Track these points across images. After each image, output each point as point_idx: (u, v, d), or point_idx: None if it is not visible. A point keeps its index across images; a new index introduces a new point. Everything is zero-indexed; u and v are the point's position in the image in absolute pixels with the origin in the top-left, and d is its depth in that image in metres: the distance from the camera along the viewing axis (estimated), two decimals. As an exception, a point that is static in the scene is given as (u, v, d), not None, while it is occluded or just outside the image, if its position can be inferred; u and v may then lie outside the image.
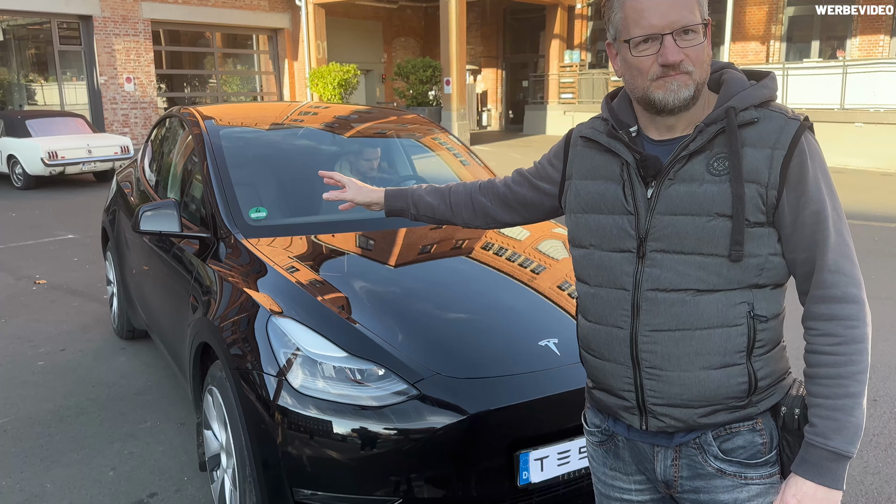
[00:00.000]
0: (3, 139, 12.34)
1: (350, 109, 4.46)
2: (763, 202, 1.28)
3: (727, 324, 1.32)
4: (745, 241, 1.28)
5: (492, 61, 23.96)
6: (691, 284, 1.32)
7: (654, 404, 1.38)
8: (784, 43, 18.01)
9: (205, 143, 3.33)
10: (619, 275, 1.39)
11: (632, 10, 1.29)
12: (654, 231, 1.34)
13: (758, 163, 1.28)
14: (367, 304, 2.50)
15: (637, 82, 1.33)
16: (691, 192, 1.31)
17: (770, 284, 1.33)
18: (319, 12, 20.64)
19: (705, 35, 1.31)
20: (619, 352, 1.40)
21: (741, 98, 1.32)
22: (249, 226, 2.97)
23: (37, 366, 4.45)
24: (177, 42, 21.33)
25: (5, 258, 7.35)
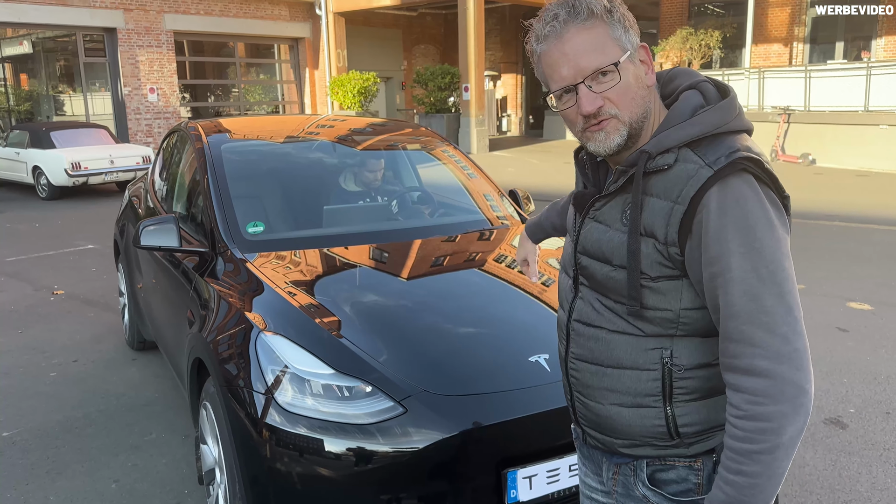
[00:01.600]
0: (28, 151, 12.59)
1: (355, 122, 4.48)
2: (665, 257, 1.20)
3: (637, 367, 1.27)
4: (644, 296, 1.22)
5: (512, 67, 23.94)
6: (605, 324, 1.31)
7: (584, 425, 1.43)
8: (807, 44, 17.75)
9: (206, 158, 3.36)
10: (564, 300, 1.44)
11: (546, 66, 1.26)
12: (578, 265, 1.36)
13: (656, 217, 1.20)
14: (358, 320, 2.50)
15: (574, 132, 1.30)
16: (600, 238, 1.29)
17: (697, 334, 1.24)
18: (339, 21, 20.80)
19: (636, 64, 1.23)
20: (562, 369, 1.45)
21: (659, 140, 1.22)
22: (246, 240, 2.99)
23: (49, 377, 4.51)
24: (200, 52, 21.63)
25: (26, 269, 7.49)
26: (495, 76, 23.82)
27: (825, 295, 5.77)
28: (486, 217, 3.59)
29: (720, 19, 19.26)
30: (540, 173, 14.48)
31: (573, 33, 1.21)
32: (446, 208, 3.78)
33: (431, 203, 3.83)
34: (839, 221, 9.05)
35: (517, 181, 13.40)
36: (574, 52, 1.21)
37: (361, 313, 2.54)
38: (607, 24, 1.22)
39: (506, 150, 18.62)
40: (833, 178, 12.63)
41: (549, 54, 1.24)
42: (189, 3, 19.06)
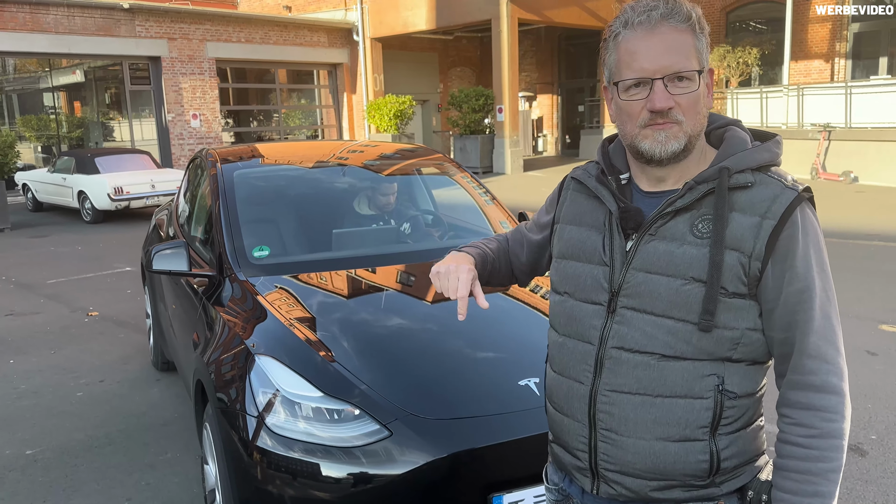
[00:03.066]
0: (74, 176, 13.06)
1: (370, 149, 4.55)
2: (745, 273, 1.20)
3: (691, 395, 1.23)
4: (718, 312, 1.20)
5: (547, 87, 23.97)
6: (657, 348, 1.24)
7: (607, 469, 1.31)
8: (849, 60, 17.38)
9: (218, 184, 3.46)
10: (587, 327, 1.33)
11: (625, 53, 1.24)
12: (626, 287, 1.28)
13: (744, 230, 1.20)
14: (351, 342, 2.53)
15: (627, 128, 1.27)
16: (669, 252, 1.24)
17: (746, 360, 1.24)
18: (376, 46, 21.16)
19: (705, 84, 1.25)
20: (578, 408, 1.34)
21: (738, 159, 1.25)
22: (252, 264, 3.06)
23: (76, 396, 4.65)
24: (242, 78, 22.20)
25: (64, 290, 7.75)
26: (531, 97, 23.88)
27: (857, 316, 5.60)
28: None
29: (758, 36, 19.00)
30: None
31: (666, 30, 1.22)
32: (454, 231, 3.81)
33: (440, 226, 3.86)
34: (879, 241, 8.79)
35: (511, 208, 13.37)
36: (662, 47, 1.21)
37: (355, 336, 2.58)
38: (696, 36, 1.24)
39: (540, 171, 18.60)
40: (875, 196, 12.28)
41: (632, 42, 1.23)
42: (230, 32, 19.62)
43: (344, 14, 21.68)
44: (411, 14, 19.70)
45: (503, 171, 18.23)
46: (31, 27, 15.95)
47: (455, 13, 18.68)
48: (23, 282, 8.28)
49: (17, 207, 14.82)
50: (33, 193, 14.58)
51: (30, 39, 15.97)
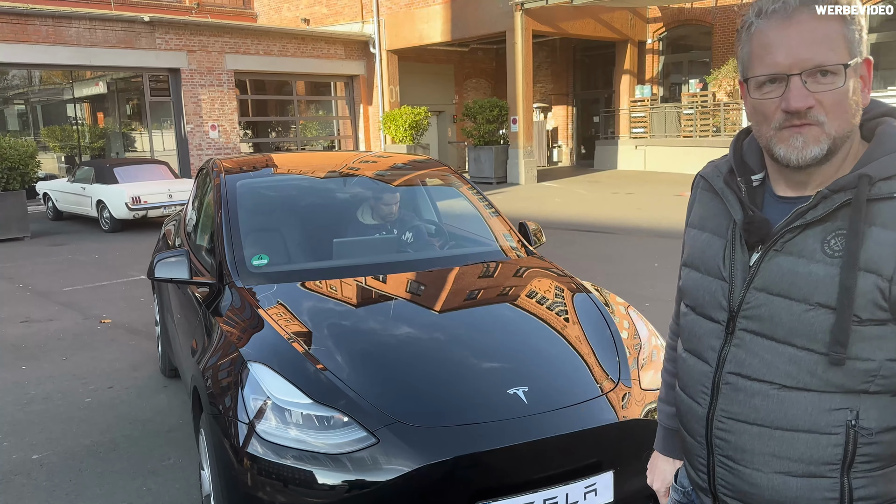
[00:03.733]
0: (93, 186, 13.27)
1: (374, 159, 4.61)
2: (884, 297, 1.04)
3: (817, 430, 1.10)
4: (850, 342, 1.05)
5: (562, 98, 24.01)
6: (777, 378, 1.12)
7: (725, 495, 1.23)
8: (867, 71, 17.23)
9: (220, 194, 3.52)
10: (706, 347, 1.23)
11: (758, 45, 1.11)
12: (746, 307, 1.15)
13: (884, 249, 1.04)
14: (346, 350, 2.56)
15: (761, 129, 1.14)
16: (794, 271, 1.10)
17: (890, 391, 1.09)
18: (392, 58, 21.33)
19: (857, 78, 1.09)
20: (696, 430, 1.26)
21: (883, 164, 1.07)
22: (250, 272, 3.11)
23: (84, 402, 4.73)
24: (261, 90, 22.44)
25: (79, 298, 7.87)
26: (546, 108, 23.91)
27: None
28: (489, 249, 3.63)
29: (775, 47, 18.89)
30: (585, 203, 14.40)
31: (805, 18, 1.06)
32: (455, 241, 3.84)
33: (441, 236, 3.90)
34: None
35: (561, 211, 13.37)
36: (799, 38, 1.06)
37: (348, 343, 2.61)
38: (845, 22, 1.07)
39: (554, 181, 18.60)
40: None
41: (766, 33, 1.09)
42: (249, 44, 19.88)
43: (361, 27, 21.89)
44: (427, 27, 19.86)
45: (517, 182, 18.25)
46: (53, 40, 16.27)
47: (470, 26, 18.80)
48: (39, 289, 8.42)
49: (38, 216, 15.07)
50: (54, 203, 14.84)
51: (52, 52, 16.30)
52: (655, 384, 2.65)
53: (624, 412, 2.47)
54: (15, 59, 16.04)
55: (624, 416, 2.46)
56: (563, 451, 2.33)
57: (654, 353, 2.82)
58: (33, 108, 19.82)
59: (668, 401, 1.49)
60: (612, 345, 2.72)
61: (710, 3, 19.77)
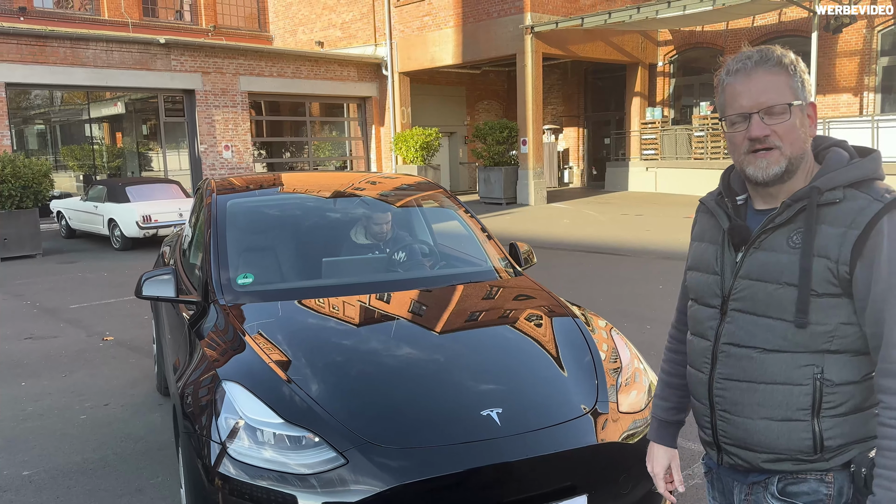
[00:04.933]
0: (105, 204, 13.44)
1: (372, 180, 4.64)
2: (834, 276, 1.39)
3: (790, 382, 1.43)
4: (810, 311, 1.40)
5: (573, 120, 24.07)
6: (758, 343, 1.47)
7: (725, 443, 1.55)
8: (879, 94, 17.16)
9: (211, 212, 3.56)
10: (706, 328, 1.58)
11: (729, 94, 1.50)
12: (735, 292, 1.51)
13: (830, 240, 1.39)
14: (322, 369, 2.57)
15: (735, 156, 1.51)
16: (767, 261, 1.46)
17: (848, 351, 1.42)
18: (404, 80, 21.53)
19: (804, 115, 1.46)
20: (701, 393, 1.59)
21: (829, 178, 1.43)
22: (235, 291, 3.13)
23: (79, 419, 4.76)
24: (275, 111, 22.70)
25: (84, 315, 7.94)
26: (557, 129, 23.98)
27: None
28: (477, 270, 3.63)
29: (786, 70, 18.88)
30: (594, 224, 14.38)
31: (760, 74, 1.45)
32: (445, 260, 3.85)
33: (433, 256, 3.90)
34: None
35: (570, 232, 13.35)
36: (757, 88, 1.45)
37: (325, 362, 2.62)
38: (789, 76, 1.45)
39: (564, 202, 18.59)
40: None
41: (734, 86, 1.48)
42: (263, 66, 20.15)
43: (374, 49, 22.13)
44: (438, 49, 20.04)
45: (527, 203, 18.27)
46: (70, 61, 16.59)
47: (481, 49, 18.95)
48: (47, 306, 8.51)
49: (51, 234, 15.27)
50: (67, 221, 15.04)
51: (69, 73, 16.60)
52: (636, 407, 2.64)
53: (600, 435, 2.46)
54: (33, 79, 16.36)
55: (601, 439, 2.45)
56: (536, 473, 2.31)
57: (635, 376, 2.81)
58: (53, 127, 20.17)
59: (663, 396, 1.82)
60: (592, 367, 2.71)
61: (720, 26, 19.81)
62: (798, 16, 17.67)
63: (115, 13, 26.13)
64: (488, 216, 16.07)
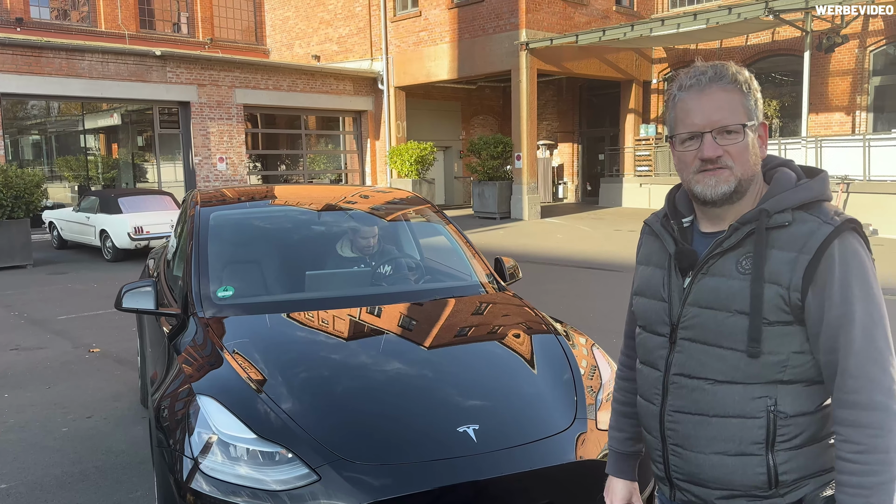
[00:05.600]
0: (98, 215, 13.41)
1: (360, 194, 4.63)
2: (786, 303, 1.33)
3: (743, 415, 1.37)
4: (763, 339, 1.33)
5: (568, 136, 24.16)
6: (710, 374, 1.39)
7: (677, 479, 1.48)
8: (871, 113, 17.28)
9: (193, 224, 3.55)
10: (656, 357, 1.50)
11: (680, 111, 1.43)
12: (683, 320, 1.43)
13: (781, 265, 1.33)
14: (298, 383, 2.55)
15: (684, 175, 1.45)
16: (717, 288, 1.39)
17: (801, 381, 1.36)
18: (400, 95, 21.61)
19: (756, 136, 1.41)
20: (653, 426, 1.52)
21: (778, 200, 1.38)
22: (215, 304, 3.11)
23: (60, 432, 4.71)
24: (271, 124, 22.73)
25: (72, 327, 7.89)
26: (552, 145, 24.06)
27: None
28: (460, 285, 3.62)
29: (778, 88, 19.03)
30: (587, 239, 14.39)
31: (714, 90, 1.39)
32: (429, 275, 3.83)
33: (418, 270, 3.89)
34: (892, 296, 8.59)
35: (562, 247, 13.36)
36: (710, 106, 1.39)
37: (301, 377, 2.60)
38: (743, 95, 1.40)
39: (558, 217, 18.62)
40: (894, 250, 12.05)
41: (686, 102, 1.42)
42: (259, 80, 20.20)
43: (370, 64, 22.22)
44: (434, 65, 20.13)
45: (521, 217, 18.29)
46: (66, 72, 16.61)
47: (476, 64, 19.05)
48: (35, 317, 8.46)
49: (43, 245, 15.22)
50: (59, 231, 14.99)
51: (64, 84, 16.61)
52: (615, 424, 2.61)
53: (579, 452, 2.44)
54: (29, 90, 16.36)
55: (579, 456, 2.43)
56: (512, 490, 2.29)
57: (616, 393, 2.79)
58: (49, 138, 20.16)
59: (619, 427, 1.73)
60: (571, 384, 2.69)
61: (714, 45, 19.96)
62: (791, 35, 17.81)
63: (112, 25, 26.22)
64: (482, 231, 16.08)
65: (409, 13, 20.80)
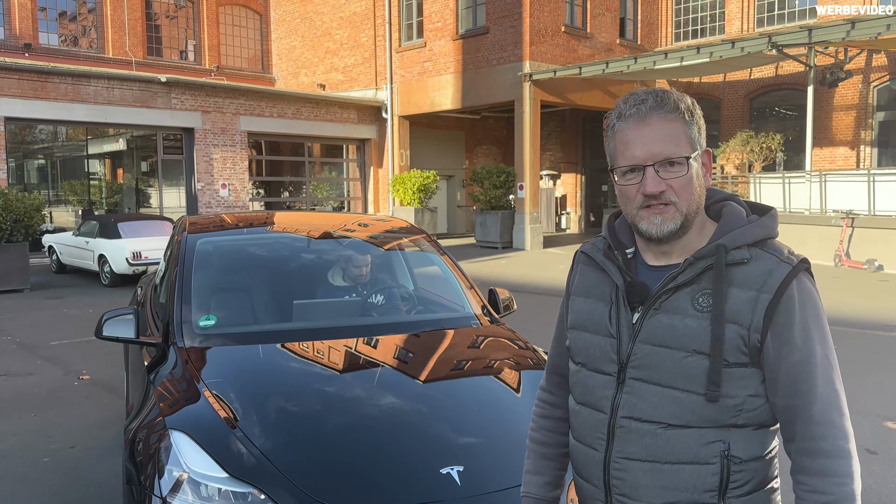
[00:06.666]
0: (97, 240, 13.36)
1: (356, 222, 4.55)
2: (745, 344, 1.26)
3: (698, 461, 1.29)
4: (722, 382, 1.26)
5: (571, 166, 24.19)
6: (664, 418, 1.30)
7: None
8: (875, 148, 17.26)
9: (179, 251, 3.46)
10: (600, 397, 1.39)
11: (620, 142, 1.35)
12: (634, 358, 1.34)
13: (742, 305, 1.26)
14: (276, 420, 2.43)
15: (627, 209, 1.37)
16: (672, 325, 1.30)
17: (752, 425, 1.30)
18: (404, 124, 21.71)
19: (700, 166, 1.34)
20: (594, 474, 1.40)
21: (734, 236, 1.31)
22: (196, 333, 3.01)
23: (42, 462, 4.57)
24: (275, 150, 22.79)
25: (64, 353, 7.78)
26: (555, 175, 24.08)
27: (860, 412, 5.31)
28: (451, 317, 3.51)
29: (783, 122, 19.05)
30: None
31: (656, 120, 1.31)
32: (422, 305, 3.73)
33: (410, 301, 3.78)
34: (898, 332, 8.44)
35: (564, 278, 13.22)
36: (652, 137, 1.31)
37: (280, 413, 2.48)
38: (686, 123, 1.32)
39: (560, 248, 18.54)
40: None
41: (626, 132, 1.34)
42: (263, 107, 20.31)
43: (375, 93, 22.36)
44: (438, 94, 20.24)
45: (522, 247, 18.21)
46: (71, 97, 16.70)
47: (480, 94, 19.13)
48: (26, 342, 8.35)
49: (42, 269, 15.16)
50: (58, 255, 14.94)
51: (69, 108, 16.70)
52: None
53: (570, 495, 2.30)
54: (33, 114, 16.45)
55: (570, 500, 2.30)
56: (498, 537, 2.16)
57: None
58: (55, 162, 20.23)
59: (536, 471, 1.60)
60: (563, 423, 2.56)
61: (718, 78, 20.05)
62: (794, 69, 17.87)
63: (119, 52, 26.49)
64: (483, 260, 15.98)
65: (414, 44, 20.97)
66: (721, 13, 20.59)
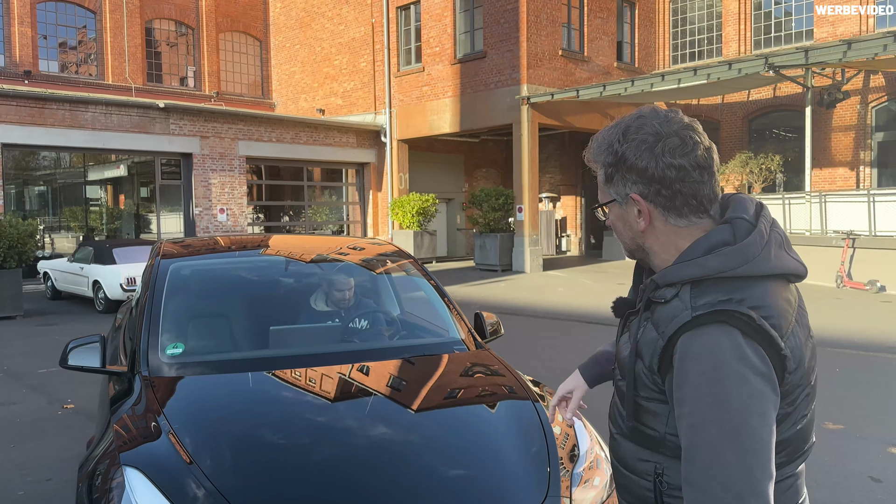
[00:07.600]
0: (91, 266, 13.26)
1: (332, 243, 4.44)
2: (651, 382, 1.27)
3: (636, 473, 1.35)
4: (638, 413, 1.30)
5: (571, 189, 24.14)
6: (616, 427, 1.41)
7: None
8: (875, 168, 17.17)
9: (150, 276, 3.34)
10: None
11: None
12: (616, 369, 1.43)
13: (648, 344, 1.28)
14: (237, 458, 2.29)
15: None
16: (623, 346, 1.37)
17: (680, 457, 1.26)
18: (403, 147, 21.71)
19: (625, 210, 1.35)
20: None
21: (667, 272, 1.28)
22: (162, 362, 2.87)
23: (16, 496, 4.42)
24: (274, 175, 22.79)
25: (50, 381, 7.63)
26: (555, 198, 24.02)
27: (864, 437, 5.14)
28: (433, 342, 3.37)
29: (782, 143, 19.00)
30: (589, 293, 14.12)
31: (593, 164, 1.41)
32: (405, 330, 3.59)
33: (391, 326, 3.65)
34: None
35: (563, 301, 13.09)
36: None
37: (241, 450, 2.34)
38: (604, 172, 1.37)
39: (560, 270, 18.39)
40: (905, 306, 11.73)
41: None
42: (262, 132, 20.32)
43: (374, 117, 22.40)
44: (437, 118, 20.25)
45: (522, 270, 18.07)
46: (69, 123, 16.72)
47: (478, 118, 19.14)
48: (13, 370, 8.21)
49: (37, 295, 15.05)
50: (53, 282, 14.83)
51: (67, 135, 16.70)
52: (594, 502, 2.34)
53: None
54: (31, 141, 16.44)
55: None
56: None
57: (597, 463, 2.52)
58: (56, 189, 20.22)
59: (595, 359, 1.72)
60: (545, 456, 2.42)
61: (716, 100, 20.05)
62: (792, 90, 17.86)
63: (119, 78, 26.64)
64: (482, 283, 15.84)
65: (413, 69, 21.03)
66: (718, 35, 20.65)
